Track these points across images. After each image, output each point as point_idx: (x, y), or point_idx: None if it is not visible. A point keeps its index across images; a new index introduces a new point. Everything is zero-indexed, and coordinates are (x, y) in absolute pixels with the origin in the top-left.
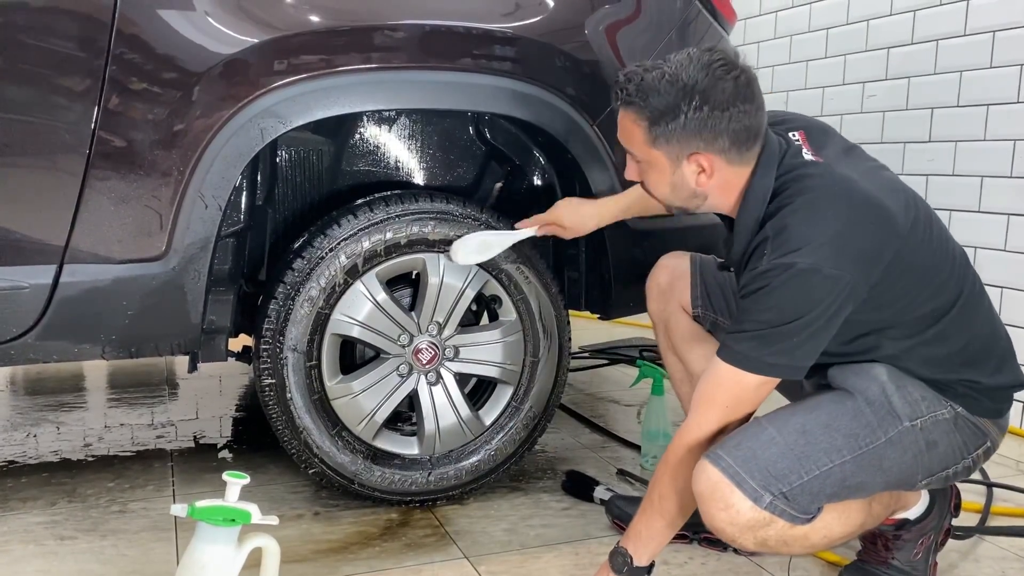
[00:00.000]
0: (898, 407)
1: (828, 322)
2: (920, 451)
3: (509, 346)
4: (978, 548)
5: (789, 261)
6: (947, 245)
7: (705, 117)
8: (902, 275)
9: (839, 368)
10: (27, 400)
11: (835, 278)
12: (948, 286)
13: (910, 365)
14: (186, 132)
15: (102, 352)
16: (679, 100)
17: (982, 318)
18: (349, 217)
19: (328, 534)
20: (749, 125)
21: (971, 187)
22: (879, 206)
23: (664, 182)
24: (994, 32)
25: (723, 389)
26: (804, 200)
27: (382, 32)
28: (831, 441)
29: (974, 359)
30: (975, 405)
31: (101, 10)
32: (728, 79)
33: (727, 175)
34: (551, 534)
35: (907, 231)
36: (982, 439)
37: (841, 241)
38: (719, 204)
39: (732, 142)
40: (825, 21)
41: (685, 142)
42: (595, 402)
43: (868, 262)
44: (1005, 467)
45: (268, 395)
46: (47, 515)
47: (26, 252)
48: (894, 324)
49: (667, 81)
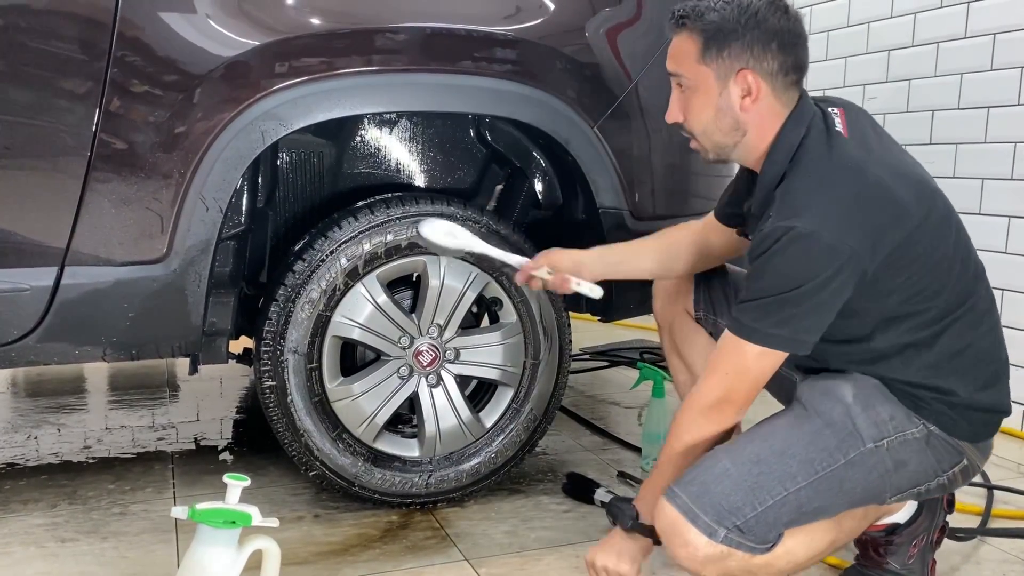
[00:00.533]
0: (862, 428)
1: (830, 295)
2: (887, 471)
3: (510, 348)
4: (979, 551)
5: (790, 224)
6: (964, 250)
7: (759, 35)
8: (909, 264)
9: (809, 384)
10: (28, 402)
11: (835, 247)
12: (955, 289)
13: (896, 364)
14: (187, 134)
15: (103, 354)
16: (736, 15)
17: (984, 332)
18: (350, 219)
19: (328, 536)
20: (796, 57)
21: (972, 189)
22: (889, 190)
23: (710, 105)
24: (995, 35)
25: (725, 357)
26: (817, 167)
27: (383, 35)
28: (785, 468)
29: (963, 369)
30: (951, 426)
31: (102, 12)
32: (780, 11)
33: (768, 107)
34: (552, 536)
35: (919, 221)
36: (957, 457)
37: (845, 212)
38: (753, 147)
39: (780, 67)
40: (826, 23)
41: (736, 56)
42: (596, 404)
43: (872, 238)
44: (1006, 470)
45: (269, 397)
46: (48, 517)
47: (27, 254)
48: (892, 318)
49: (724, 1)
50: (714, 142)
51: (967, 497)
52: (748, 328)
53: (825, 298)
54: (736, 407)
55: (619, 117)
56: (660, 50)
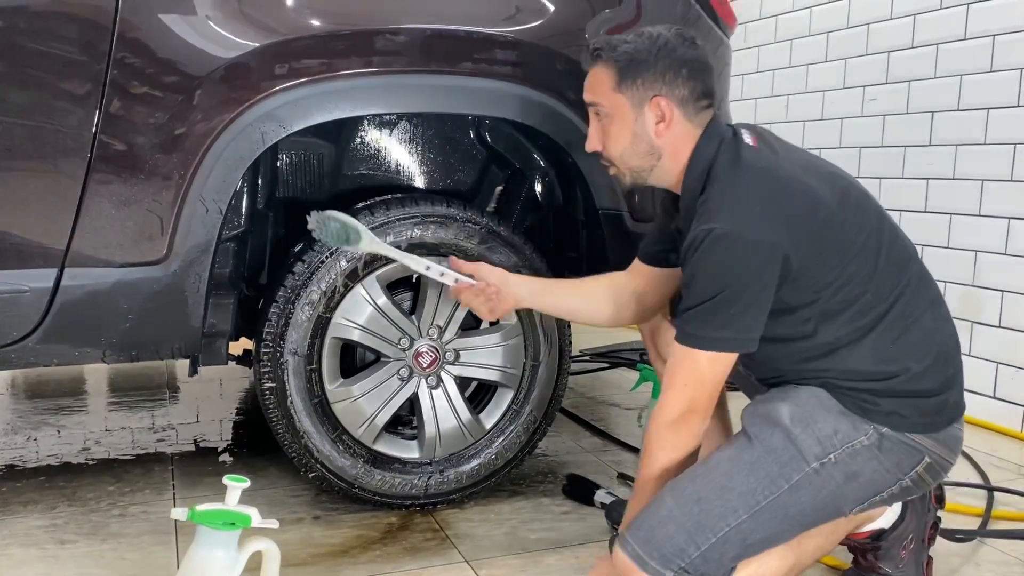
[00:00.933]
0: (804, 448)
1: (763, 288)
2: (837, 485)
3: (509, 350)
4: (979, 552)
5: (709, 227)
6: (890, 234)
7: (669, 63)
8: (834, 252)
9: (750, 410)
10: (27, 404)
11: (756, 242)
12: (887, 273)
13: (846, 356)
14: (187, 136)
15: (103, 356)
16: (647, 46)
17: (925, 311)
18: None
19: (328, 538)
20: (705, 84)
21: (971, 191)
22: (800, 183)
23: (626, 131)
24: (994, 36)
25: (680, 368)
26: (729, 173)
27: (383, 36)
28: (726, 504)
29: (910, 350)
30: (903, 421)
31: (102, 14)
32: (688, 42)
33: (681, 131)
34: (552, 538)
35: (834, 208)
36: (917, 457)
37: (761, 207)
38: (669, 169)
39: (690, 93)
40: (825, 25)
41: (650, 84)
42: (596, 406)
43: (789, 228)
44: (1006, 471)
45: (268, 399)
46: (47, 519)
47: (27, 256)
48: (832, 311)
49: (635, 35)
50: (631, 167)
51: (967, 499)
52: (694, 336)
53: (758, 291)
54: (700, 415)
55: None
56: None
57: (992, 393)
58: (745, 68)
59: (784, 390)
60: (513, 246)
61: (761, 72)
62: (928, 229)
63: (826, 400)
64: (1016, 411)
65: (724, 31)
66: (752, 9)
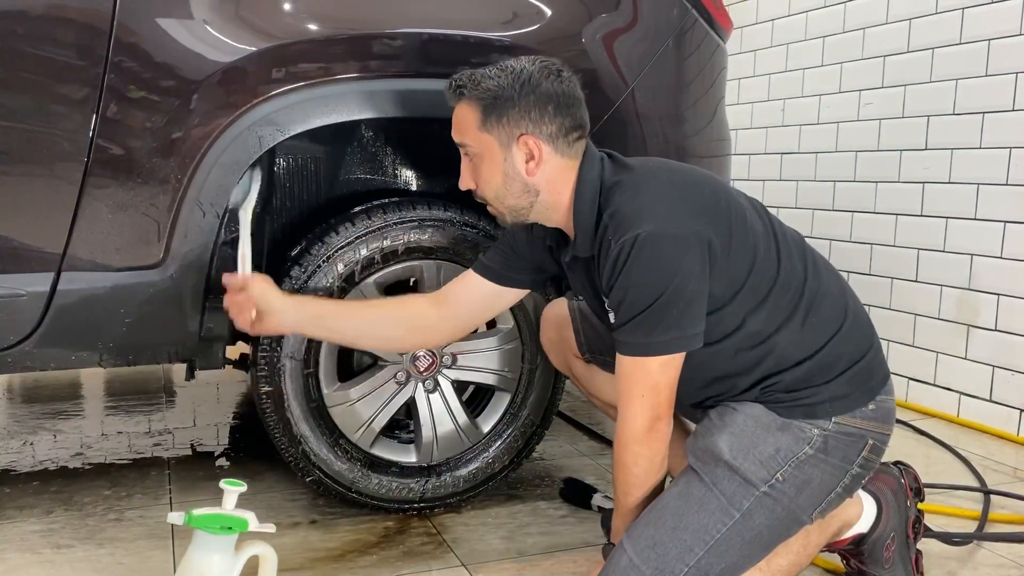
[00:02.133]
0: (750, 474)
1: (697, 282)
2: (791, 499)
3: (507, 353)
4: (976, 555)
5: (632, 234)
6: (778, 225)
7: (534, 100)
8: (742, 234)
9: (691, 443)
10: (24, 408)
11: (682, 236)
12: (793, 252)
13: (782, 343)
14: (184, 140)
15: (99, 360)
16: (510, 82)
17: (832, 281)
18: (346, 225)
19: (325, 542)
20: (574, 116)
21: (967, 195)
22: (692, 174)
23: (497, 171)
24: (989, 40)
25: (633, 380)
26: (630, 182)
27: (380, 40)
28: (680, 544)
29: (832, 320)
30: (846, 402)
31: (100, 18)
32: (553, 75)
33: (555, 166)
34: (549, 542)
35: (727, 199)
36: (861, 442)
37: (674, 203)
38: (550, 205)
39: (559, 128)
40: (821, 29)
41: (515, 123)
42: (593, 409)
43: (705, 216)
44: (1002, 474)
45: (265, 403)
46: (43, 523)
47: (24, 259)
48: (756, 300)
49: (498, 70)
50: (508, 206)
51: (963, 502)
52: (642, 345)
53: (695, 286)
54: (665, 419)
55: (615, 122)
56: (657, 55)
57: (988, 396)
58: (741, 72)
59: (721, 415)
60: None
61: (757, 76)
62: (924, 233)
63: (763, 417)
64: (1012, 414)
65: (720, 35)
66: (748, 13)
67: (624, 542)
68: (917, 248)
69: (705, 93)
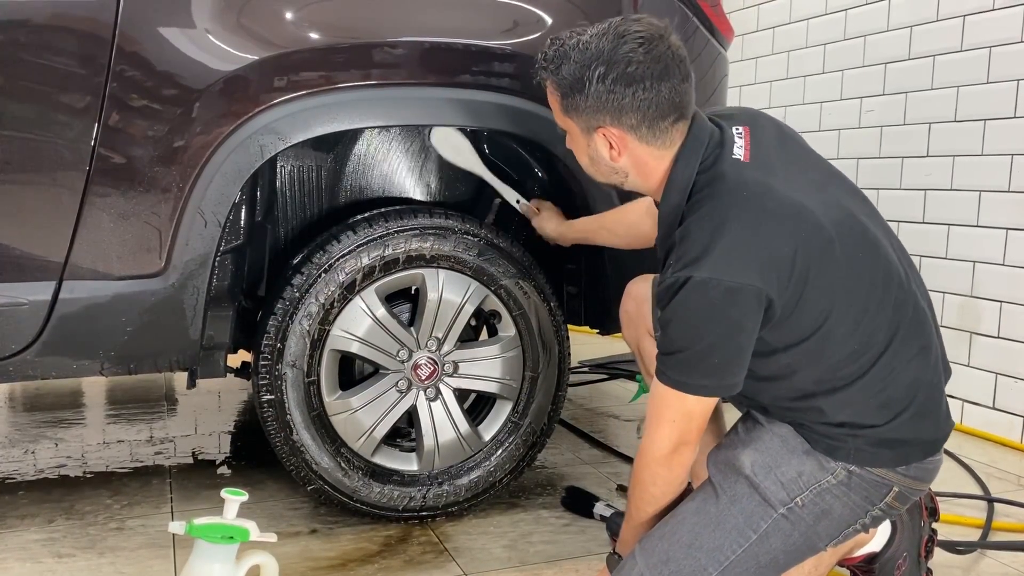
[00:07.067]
0: (770, 495)
1: (746, 337)
2: (808, 527)
3: (508, 361)
4: (980, 564)
5: (686, 274)
6: (887, 272)
7: (607, 90)
8: (820, 293)
9: (713, 456)
10: (25, 416)
11: (737, 289)
12: (878, 319)
13: (822, 403)
14: (186, 149)
15: (101, 368)
16: (584, 70)
17: (911, 360)
18: (348, 233)
19: (327, 551)
20: (660, 103)
21: (969, 202)
22: (793, 210)
23: (583, 153)
24: (990, 48)
25: (666, 407)
26: (711, 206)
27: (382, 49)
28: (694, 563)
29: (888, 403)
30: (870, 459)
31: (101, 27)
32: (639, 52)
33: (641, 155)
34: (551, 550)
35: (827, 240)
36: (885, 489)
37: (743, 250)
38: (642, 185)
39: (642, 119)
40: (823, 37)
41: (592, 114)
42: (595, 417)
43: (776, 267)
44: (1006, 482)
45: (267, 411)
46: (45, 532)
47: (25, 268)
48: (814, 352)
49: (579, 49)
50: (603, 181)
51: (967, 510)
52: (677, 382)
53: (740, 341)
54: (691, 446)
55: None
56: None
57: (991, 404)
58: (743, 80)
59: (748, 429)
60: (512, 258)
61: (759, 84)
62: (926, 240)
63: (791, 439)
64: (1015, 421)
65: (721, 43)
66: (749, 21)
67: (636, 554)
68: (919, 255)
69: (706, 101)
